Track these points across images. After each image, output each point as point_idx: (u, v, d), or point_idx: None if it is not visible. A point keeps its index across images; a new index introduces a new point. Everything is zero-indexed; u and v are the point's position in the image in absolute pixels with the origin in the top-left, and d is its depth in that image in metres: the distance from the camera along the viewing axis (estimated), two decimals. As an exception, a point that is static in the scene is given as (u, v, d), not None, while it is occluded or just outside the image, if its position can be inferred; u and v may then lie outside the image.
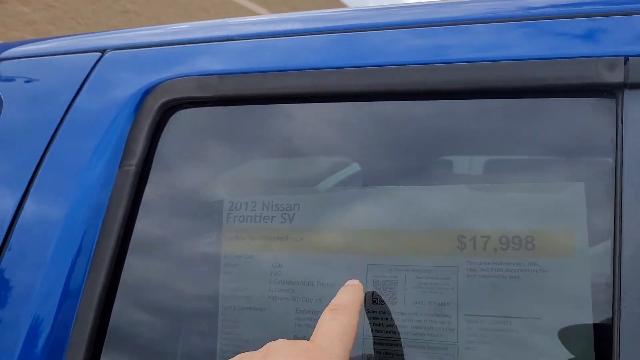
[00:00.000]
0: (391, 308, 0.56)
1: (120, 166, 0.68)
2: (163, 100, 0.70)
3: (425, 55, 0.62)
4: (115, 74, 0.76)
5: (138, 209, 0.68)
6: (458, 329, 0.54)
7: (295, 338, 0.58)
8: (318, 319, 0.55)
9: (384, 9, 0.70)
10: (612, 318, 0.49)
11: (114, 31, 0.84)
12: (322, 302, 0.58)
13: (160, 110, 0.70)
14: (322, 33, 0.69)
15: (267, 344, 0.47)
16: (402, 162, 0.61)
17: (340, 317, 0.48)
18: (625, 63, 0.54)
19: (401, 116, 0.63)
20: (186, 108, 0.71)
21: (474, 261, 0.55)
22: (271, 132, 0.68)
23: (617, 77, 0.54)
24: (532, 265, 0.53)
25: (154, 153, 0.70)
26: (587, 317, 0.51)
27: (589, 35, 0.58)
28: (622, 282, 0.49)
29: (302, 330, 0.58)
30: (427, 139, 0.61)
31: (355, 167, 0.66)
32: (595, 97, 0.56)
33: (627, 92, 0.54)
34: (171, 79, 0.71)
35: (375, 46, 0.65)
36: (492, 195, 0.57)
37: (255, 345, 0.59)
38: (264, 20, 0.76)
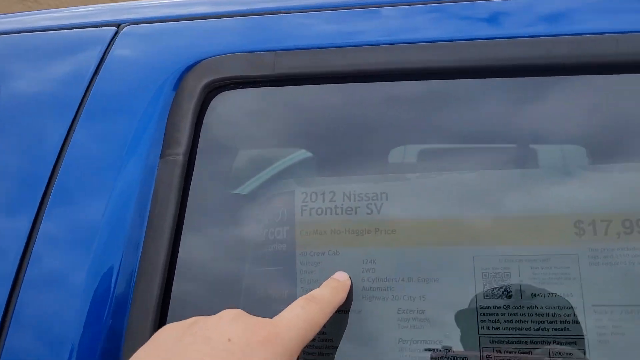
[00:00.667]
0: (507, 302, 0.51)
1: (162, 156, 0.59)
2: (207, 80, 0.61)
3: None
4: (140, 51, 0.66)
5: (186, 204, 0.59)
6: (586, 321, 0.50)
7: (401, 341, 0.52)
8: (424, 319, 0.53)
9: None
10: None
11: (128, 2, 0.73)
12: (426, 300, 0.52)
13: (203, 92, 0.61)
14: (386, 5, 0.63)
15: (225, 309, 0.45)
16: (507, 146, 0.57)
17: (311, 309, 0.46)
18: None
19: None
20: (234, 88, 0.62)
21: (595, 247, 0.51)
22: (339, 113, 0.61)
23: None
24: (663, 249, 0.50)
25: (199, 140, 0.61)
26: None
27: None
28: None
29: (407, 332, 0.52)
30: (552, 121, 0.57)
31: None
32: None
33: None
34: (214, 56, 0.62)
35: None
36: (609, 175, 0.53)
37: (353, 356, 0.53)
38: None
